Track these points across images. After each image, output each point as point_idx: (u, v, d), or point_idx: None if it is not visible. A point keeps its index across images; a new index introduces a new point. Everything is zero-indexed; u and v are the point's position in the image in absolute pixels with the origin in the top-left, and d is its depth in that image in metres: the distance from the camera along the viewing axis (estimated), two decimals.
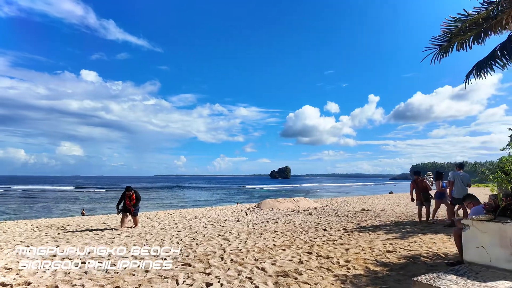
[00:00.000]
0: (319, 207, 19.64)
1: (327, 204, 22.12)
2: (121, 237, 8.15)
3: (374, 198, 30.97)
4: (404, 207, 19.21)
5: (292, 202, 20.49)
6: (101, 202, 42.80)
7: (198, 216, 15.04)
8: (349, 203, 23.53)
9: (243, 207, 21.46)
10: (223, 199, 50.19)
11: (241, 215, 14.95)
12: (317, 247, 6.56)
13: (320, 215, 14.09)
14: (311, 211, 17.33)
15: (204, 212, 17.88)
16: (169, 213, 17.52)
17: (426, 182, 10.21)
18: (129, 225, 10.85)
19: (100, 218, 15.10)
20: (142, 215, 16.38)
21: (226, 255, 5.80)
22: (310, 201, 21.47)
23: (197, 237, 7.96)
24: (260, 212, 17.17)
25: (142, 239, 7.80)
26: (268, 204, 19.76)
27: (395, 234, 8.05)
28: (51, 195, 57.22)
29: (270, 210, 18.70)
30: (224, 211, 17.79)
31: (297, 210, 18.25)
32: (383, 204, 22.56)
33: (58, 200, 46.88)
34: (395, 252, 6.02)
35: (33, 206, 41.47)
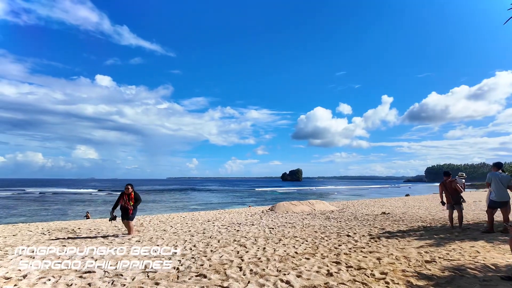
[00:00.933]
0: (336, 210, 18.84)
1: (344, 207, 21.26)
2: (131, 242, 7.71)
3: (391, 201, 29.82)
4: (426, 210, 18.17)
5: (308, 205, 19.76)
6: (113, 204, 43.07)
7: (211, 219, 14.56)
8: (367, 206, 22.58)
9: (257, 210, 20.88)
10: (235, 201, 49.71)
11: (256, 219, 14.38)
12: (344, 255, 5.90)
13: (339, 219, 13.35)
14: (328, 214, 16.59)
15: (217, 215, 17.39)
16: (182, 216, 17.13)
17: (457, 184, 9.35)
18: (138, 230, 10.44)
19: (113, 221, 14.82)
20: (154, 218, 16.06)
21: (245, 265, 5.22)
22: (326, 204, 20.68)
23: (211, 243, 7.42)
24: (275, 215, 16.54)
25: (153, 244, 7.32)
26: (283, 207, 19.11)
27: (428, 241, 7.29)
28: (67, 198, 58.16)
29: (285, 213, 18.04)
30: (238, 214, 17.26)
31: (313, 213, 17.52)
32: (402, 207, 21.53)
33: (73, 203, 47.51)
34: (434, 262, 5.31)
35: (49, 209, 42.10)
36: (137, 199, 8.92)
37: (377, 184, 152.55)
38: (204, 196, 63.48)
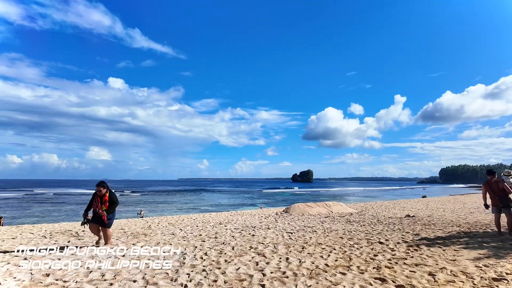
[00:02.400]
0: (355, 213, 17.68)
1: (363, 209, 20.04)
2: (137, 246, 6.86)
3: (411, 202, 28.30)
4: (453, 213, 16.80)
5: (324, 206, 18.66)
6: (127, 205, 42.82)
7: (223, 221, 13.66)
8: (387, 208, 21.28)
9: (270, 211, 19.91)
10: (246, 202, 48.81)
11: (270, 221, 13.41)
12: (387, 269, 4.87)
13: (361, 222, 12.24)
14: (347, 217, 15.46)
15: (229, 217, 16.48)
16: (192, 217, 16.30)
17: (505, 184, 8.13)
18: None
19: (120, 223, 14.11)
20: (163, 220, 15.29)
21: (268, 282, 4.26)
22: (344, 206, 19.51)
23: (224, 250, 6.50)
24: (291, 218, 15.52)
25: (160, 251, 6.45)
26: (298, 209, 18.07)
27: (481, 251, 6.17)
28: (79, 199, 58.49)
29: (300, 215, 17.01)
30: (251, 216, 16.31)
31: (331, 215, 16.41)
32: (425, 209, 20.16)
33: (85, 204, 47.61)
34: (505, 280, 4.23)
35: (61, 209, 42.21)
36: (113, 202, 6.98)
37: (390, 185, 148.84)
38: (215, 197, 62.82)
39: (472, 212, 17.27)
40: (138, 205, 41.87)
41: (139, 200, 51.69)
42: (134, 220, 15.42)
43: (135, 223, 13.51)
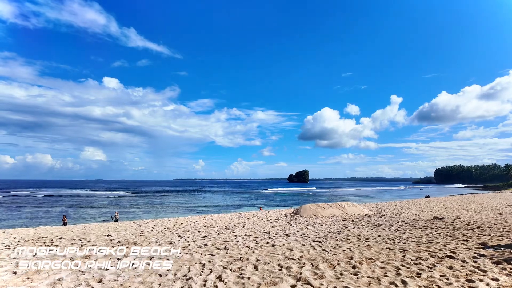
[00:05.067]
0: (372, 214, 15.93)
1: (379, 211, 18.29)
2: (124, 267, 4.97)
3: (423, 202, 26.61)
4: (480, 214, 15.12)
5: (338, 208, 16.87)
6: (121, 206, 40.63)
7: (228, 225, 11.77)
8: (403, 209, 19.56)
9: (277, 213, 18.06)
10: (244, 203, 46.84)
11: (284, 225, 11.55)
12: None
13: (390, 226, 10.46)
14: (367, 219, 13.71)
15: (234, 219, 14.57)
16: (192, 220, 14.36)
17: None
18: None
19: (108, 227, 12.13)
20: (159, 223, 13.33)
21: None
22: (359, 207, 17.71)
23: (245, 271, 4.63)
24: (304, 220, 13.69)
25: (154, 273, 4.56)
26: (309, 210, 16.24)
27: None
28: (72, 200, 55.99)
29: (313, 217, 15.20)
30: (258, 219, 14.42)
31: (349, 218, 14.63)
32: (444, 210, 18.47)
33: (77, 205, 45.18)
34: None
35: (51, 210, 39.81)
36: None
37: (385, 186, 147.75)
38: (212, 197, 60.72)
39: (501, 213, 15.65)
40: (129, 207, 39.74)
41: (131, 201, 49.48)
42: (125, 224, 13.45)
43: (125, 228, 11.55)
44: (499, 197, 33.89)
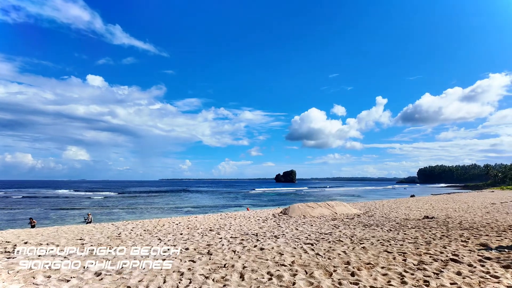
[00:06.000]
0: (362, 214, 15.61)
1: (368, 210, 18.00)
2: (88, 277, 4.26)
3: (410, 202, 26.64)
4: (469, 213, 15.03)
5: (327, 207, 16.46)
6: (104, 207, 39.09)
7: (213, 227, 11.10)
8: (391, 208, 19.37)
9: (265, 213, 17.48)
10: (231, 203, 46.09)
11: (272, 226, 10.99)
12: None
13: (382, 226, 10.08)
14: (357, 219, 13.33)
15: (220, 220, 13.89)
16: (175, 221, 13.58)
17: None
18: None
19: (83, 229, 11.23)
20: (139, 225, 12.49)
21: None
22: (348, 206, 17.36)
23: (230, 282, 4.02)
24: (293, 220, 13.17)
25: (122, 286, 3.88)
26: (298, 210, 15.75)
27: None
28: (52, 201, 53.69)
29: (302, 217, 14.71)
30: (245, 220, 13.80)
31: (338, 217, 14.22)
32: (432, 209, 18.37)
33: (58, 206, 43.25)
34: None
35: (29, 212, 37.88)
36: None
37: (371, 185, 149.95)
38: (198, 197, 59.60)
39: (489, 212, 15.64)
40: (111, 208, 38.29)
41: (115, 201, 47.83)
42: (102, 226, 12.55)
43: (101, 230, 10.69)
44: (481, 196, 34.53)
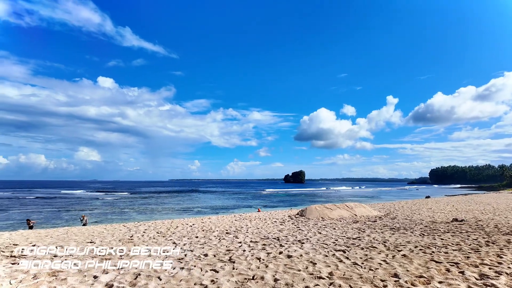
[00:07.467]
0: (383, 216, 14.77)
1: (388, 212, 17.11)
2: None
3: (430, 203, 25.46)
4: (500, 216, 14.03)
5: (346, 209, 15.68)
6: (115, 207, 39.06)
7: (229, 229, 10.49)
8: (412, 210, 18.43)
9: (280, 214, 16.79)
10: (241, 204, 45.47)
11: (292, 229, 10.32)
12: None
13: (411, 230, 9.29)
14: (380, 221, 12.53)
15: (235, 222, 13.29)
16: (188, 223, 13.03)
17: None
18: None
19: (94, 231, 10.78)
20: (151, 227, 12.00)
21: None
22: (368, 208, 16.53)
23: None
24: (313, 223, 12.44)
25: None
26: (316, 212, 15.02)
27: None
28: (64, 201, 54.19)
29: (320, 219, 13.98)
30: (262, 222, 13.14)
31: (359, 219, 13.45)
32: (456, 211, 17.37)
33: (70, 206, 43.49)
34: None
35: (42, 212, 38.12)
36: None
37: (382, 186, 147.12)
38: (208, 198, 59.23)
39: None
40: (125, 208, 38.20)
41: (125, 202, 47.85)
42: (114, 227, 12.10)
43: (113, 232, 10.21)
44: (503, 198, 33.05)
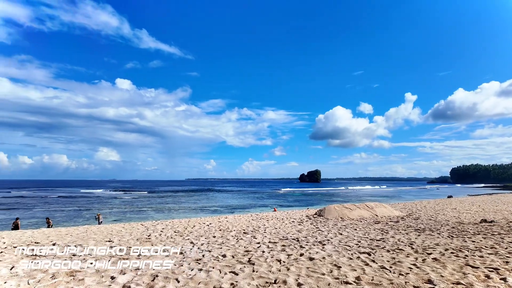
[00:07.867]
0: (405, 216, 14.19)
1: (411, 212, 16.45)
2: None
3: (454, 203, 24.36)
4: None
5: (366, 209, 15.19)
6: (134, 206, 39.89)
7: (247, 229, 10.32)
8: (435, 210, 17.65)
9: (298, 214, 16.49)
10: (257, 203, 45.34)
11: (311, 229, 10.02)
12: None
13: (438, 231, 8.79)
14: (403, 222, 12.02)
15: (252, 221, 13.12)
16: (205, 222, 12.98)
17: None
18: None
19: (112, 229, 10.89)
20: (169, 226, 12.02)
21: None
22: (389, 208, 15.95)
23: None
24: (332, 223, 12.07)
25: None
26: (335, 212, 14.62)
27: None
28: (85, 200, 55.92)
29: (340, 220, 13.58)
30: (280, 222, 12.89)
31: (381, 220, 12.97)
32: (482, 212, 16.50)
33: (90, 205, 44.78)
34: None
35: (64, 210, 39.44)
36: None
37: (401, 185, 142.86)
38: (224, 197, 59.50)
39: None
40: (143, 207, 38.90)
41: (144, 200, 48.77)
42: (132, 226, 12.20)
43: (131, 231, 10.27)
44: None
